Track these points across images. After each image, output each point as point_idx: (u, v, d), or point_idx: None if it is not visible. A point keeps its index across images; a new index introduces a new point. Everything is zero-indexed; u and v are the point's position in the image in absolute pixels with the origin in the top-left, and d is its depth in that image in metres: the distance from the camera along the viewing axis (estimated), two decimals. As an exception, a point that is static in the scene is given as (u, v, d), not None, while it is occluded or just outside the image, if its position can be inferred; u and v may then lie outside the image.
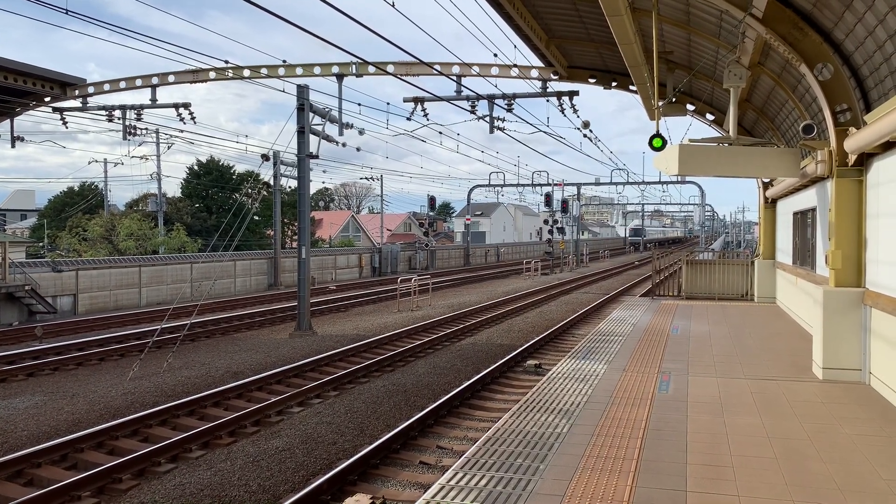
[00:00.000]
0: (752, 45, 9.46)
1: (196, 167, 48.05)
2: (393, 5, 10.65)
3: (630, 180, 55.66)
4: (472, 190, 58.02)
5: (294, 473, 8.16)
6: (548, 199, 49.97)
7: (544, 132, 19.21)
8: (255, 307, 25.33)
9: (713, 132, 17.08)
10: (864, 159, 8.08)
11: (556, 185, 53.11)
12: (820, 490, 5.03)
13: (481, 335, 18.18)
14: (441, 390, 12.00)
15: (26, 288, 21.13)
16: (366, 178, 66.10)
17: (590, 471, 5.35)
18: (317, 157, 19.49)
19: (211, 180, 47.39)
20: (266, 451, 8.87)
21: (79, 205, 48.22)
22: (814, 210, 12.20)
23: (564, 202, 49.59)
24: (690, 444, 5.96)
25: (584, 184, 56.97)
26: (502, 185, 55.85)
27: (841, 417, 6.85)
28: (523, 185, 56.07)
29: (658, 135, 9.77)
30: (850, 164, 8.20)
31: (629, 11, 9.38)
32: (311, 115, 19.29)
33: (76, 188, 52.24)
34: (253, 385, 12.35)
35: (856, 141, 7.65)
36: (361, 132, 22.23)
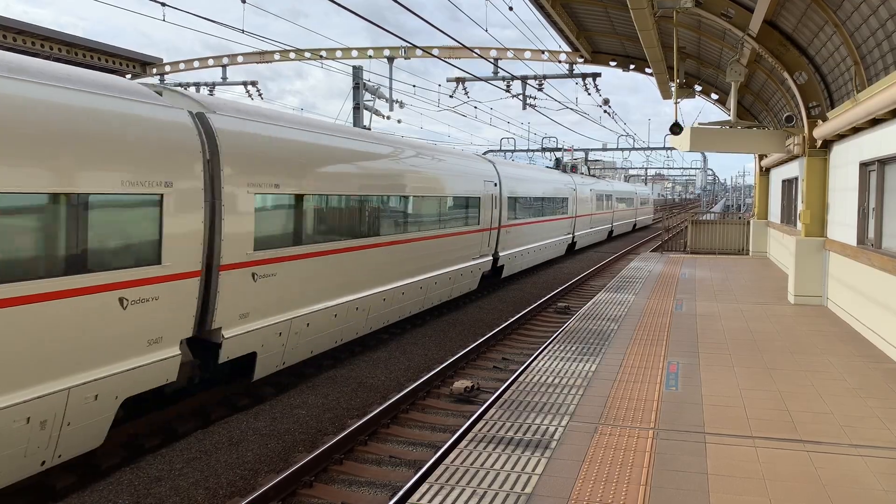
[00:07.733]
0: (749, 51, 12.27)
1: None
2: None
3: (636, 146, 58.09)
4: (485, 154, 60.60)
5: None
6: (558, 164, 52.77)
7: (570, 108, 21.99)
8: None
9: (717, 110, 19.96)
10: (828, 144, 11.01)
11: (565, 150, 55.76)
12: (779, 351, 8.14)
13: (517, 284, 21.24)
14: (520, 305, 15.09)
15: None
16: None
17: (638, 343, 8.45)
18: (369, 129, 22.26)
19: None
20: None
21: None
22: (797, 178, 15.12)
23: (574, 167, 52.30)
24: (700, 334, 9.06)
25: (592, 149, 59.38)
26: (513, 151, 58.41)
27: (801, 323, 9.94)
28: (533, 151, 58.68)
29: (676, 123, 12.65)
30: (817, 147, 11.13)
31: (655, 25, 12.16)
32: (364, 92, 22.03)
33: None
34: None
35: (821, 131, 10.56)
36: (402, 105, 25.03)
